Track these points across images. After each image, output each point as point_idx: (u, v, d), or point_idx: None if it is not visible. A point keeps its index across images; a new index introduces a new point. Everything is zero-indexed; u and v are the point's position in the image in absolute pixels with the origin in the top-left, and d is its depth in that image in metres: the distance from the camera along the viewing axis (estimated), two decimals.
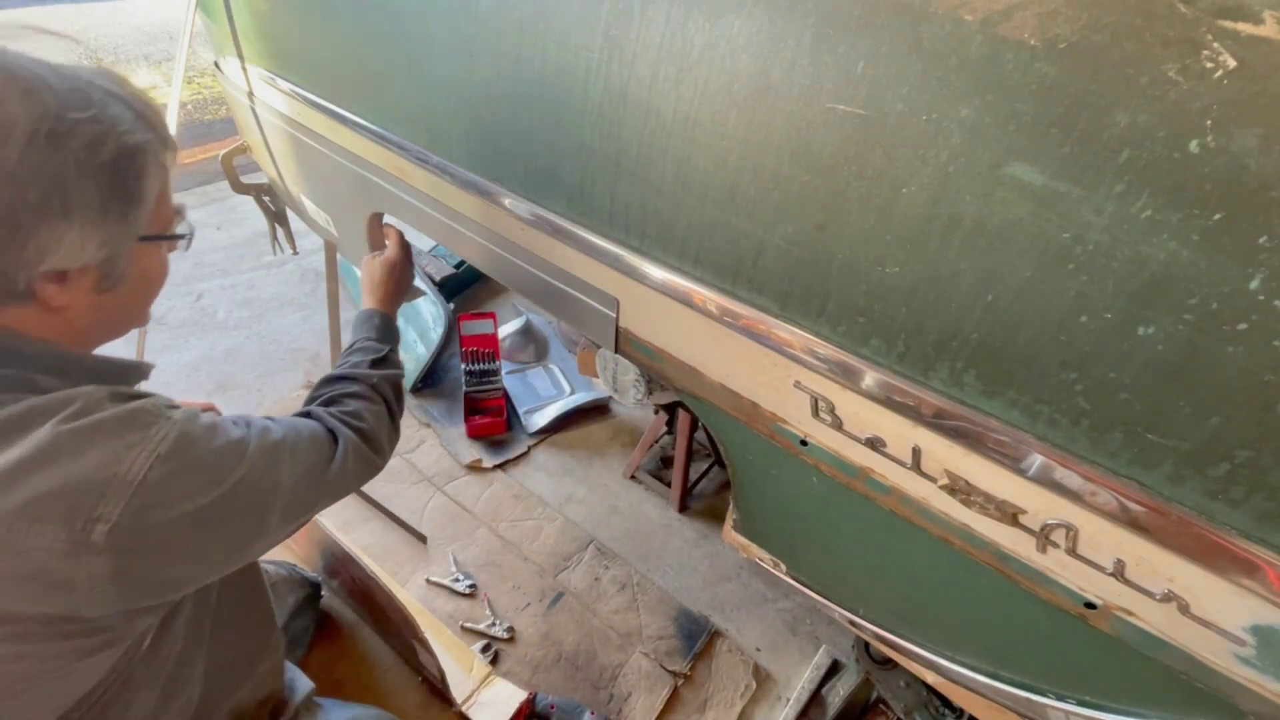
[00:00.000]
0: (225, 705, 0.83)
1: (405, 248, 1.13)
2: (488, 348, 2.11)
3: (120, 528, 0.53)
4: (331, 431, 0.77)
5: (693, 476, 1.83)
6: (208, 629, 0.77)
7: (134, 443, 0.55)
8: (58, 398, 0.55)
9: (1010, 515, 0.59)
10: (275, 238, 1.73)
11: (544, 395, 2.16)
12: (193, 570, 0.61)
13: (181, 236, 0.68)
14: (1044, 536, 0.58)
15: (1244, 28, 0.39)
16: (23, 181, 0.51)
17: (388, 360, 0.95)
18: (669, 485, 1.84)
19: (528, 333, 2.34)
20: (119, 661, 0.63)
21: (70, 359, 0.61)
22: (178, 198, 0.67)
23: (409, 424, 2.07)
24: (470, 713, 1.35)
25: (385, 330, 1.02)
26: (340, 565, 1.28)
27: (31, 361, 0.58)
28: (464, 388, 2.07)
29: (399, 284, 1.10)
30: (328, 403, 0.84)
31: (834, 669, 1.48)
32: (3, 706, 0.57)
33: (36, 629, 0.54)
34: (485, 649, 1.52)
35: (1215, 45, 0.39)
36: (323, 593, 1.55)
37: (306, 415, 0.80)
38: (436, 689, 1.40)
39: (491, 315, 2.12)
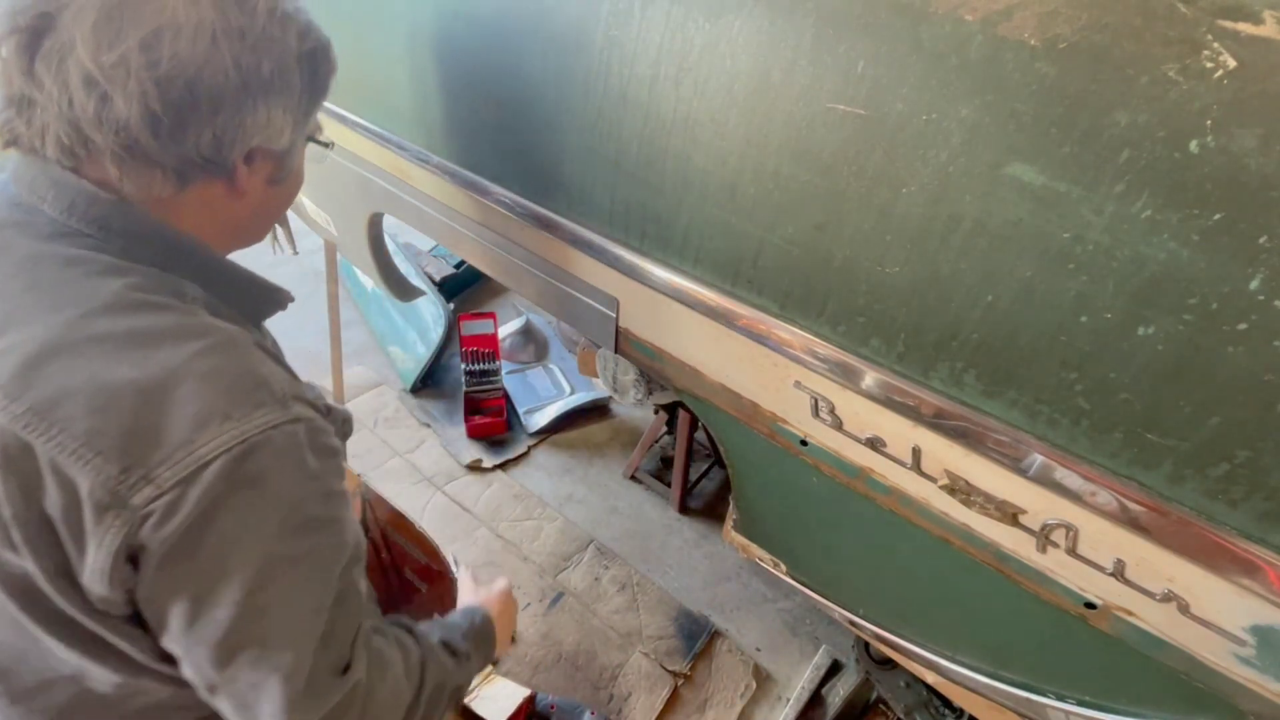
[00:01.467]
0: None
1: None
2: (488, 348, 2.11)
3: (160, 506, 0.45)
4: (349, 659, 0.57)
5: (693, 476, 1.83)
6: None
7: (231, 416, 0.47)
8: (199, 325, 0.51)
9: (1010, 515, 0.59)
10: (275, 238, 1.73)
11: (544, 395, 2.16)
12: (181, 628, 0.49)
13: (330, 144, 0.68)
14: (1044, 536, 0.58)
15: (1244, 28, 0.39)
16: (261, 51, 0.52)
17: (458, 659, 0.72)
18: (669, 485, 1.84)
19: (528, 333, 2.34)
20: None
21: (217, 266, 0.59)
22: None
23: (409, 424, 2.07)
24: (473, 707, 1.35)
25: (481, 636, 0.79)
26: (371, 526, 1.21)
27: (183, 260, 0.56)
28: (464, 388, 2.07)
29: (510, 620, 0.90)
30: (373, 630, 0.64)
31: (834, 669, 1.48)
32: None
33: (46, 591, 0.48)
34: None
35: (1215, 45, 0.39)
36: None
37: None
38: None
39: (491, 315, 2.12)
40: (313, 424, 0.53)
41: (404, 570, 1.24)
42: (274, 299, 0.65)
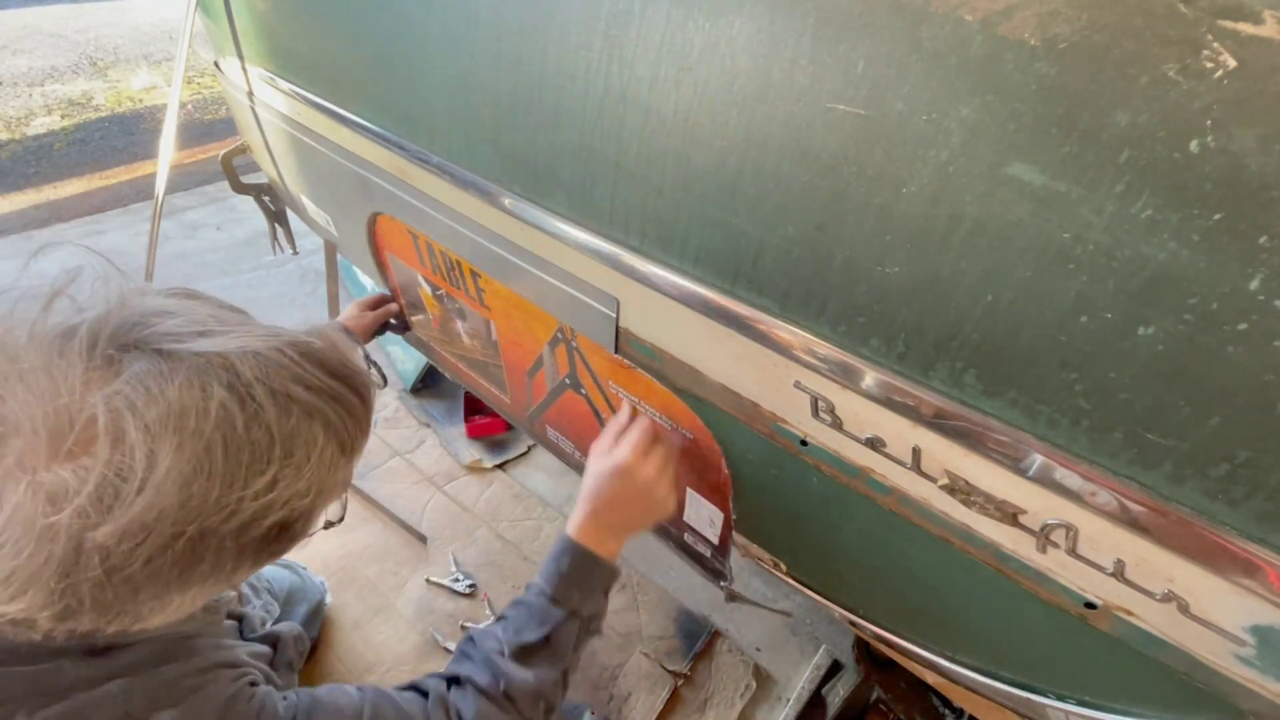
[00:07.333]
0: None
1: (656, 451, 0.73)
2: None
3: None
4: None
5: None
6: None
7: None
8: (107, 695, 0.47)
9: (1010, 515, 0.59)
10: (275, 238, 1.73)
11: None
12: None
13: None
14: (1044, 536, 0.58)
15: (1244, 28, 0.39)
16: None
17: (551, 643, 0.64)
18: None
19: None
20: None
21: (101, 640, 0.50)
22: (177, 198, 0.61)
23: (409, 424, 2.07)
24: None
25: (579, 577, 0.68)
26: None
27: (58, 651, 0.48)
28: (464, 388, 2.07)
29: (642, 507, 0.72)
30: (452, 680, 0.68)
31: (834, 669, 1.48)
32: None
33: None
34: None
35: (1215, 45, 0.39)
36: (328, 600, 1.55)
37: (424, 692, 0.66)
38: None
39: None
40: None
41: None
42: (183, 651, 0.57)
